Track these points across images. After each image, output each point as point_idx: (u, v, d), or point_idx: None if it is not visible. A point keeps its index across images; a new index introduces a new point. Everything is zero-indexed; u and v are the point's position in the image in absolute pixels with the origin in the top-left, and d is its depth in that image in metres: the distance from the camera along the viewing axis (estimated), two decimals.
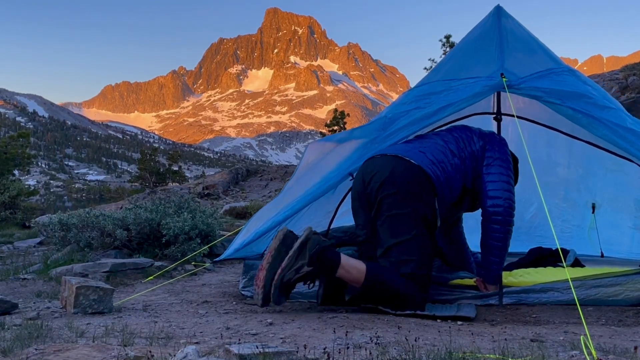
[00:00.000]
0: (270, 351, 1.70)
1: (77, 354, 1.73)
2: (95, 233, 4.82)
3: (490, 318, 2.71)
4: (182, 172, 31.95)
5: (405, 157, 2.87)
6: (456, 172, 2.94)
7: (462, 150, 3.01)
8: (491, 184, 2.94)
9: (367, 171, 2.94)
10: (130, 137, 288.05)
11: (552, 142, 4.05)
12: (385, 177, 2.83)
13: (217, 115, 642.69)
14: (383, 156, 2.96)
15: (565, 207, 4.37)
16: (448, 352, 1.73)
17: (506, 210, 2.90)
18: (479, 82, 3.05)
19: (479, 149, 3.03)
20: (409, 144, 3.05)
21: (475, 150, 3.02)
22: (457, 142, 3.03)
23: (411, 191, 2.80)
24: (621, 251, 4.08)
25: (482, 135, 3.10)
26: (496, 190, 2.92)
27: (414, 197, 2.80)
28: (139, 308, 3.03)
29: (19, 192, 13.70)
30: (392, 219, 2.80)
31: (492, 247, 2.93)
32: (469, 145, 3.03)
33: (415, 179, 2.82)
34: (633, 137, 2.85)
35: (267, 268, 2.68)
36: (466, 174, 2.98)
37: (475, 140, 3.06)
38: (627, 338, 2.17)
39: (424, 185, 2.82)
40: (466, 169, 2.98)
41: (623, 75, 20.57)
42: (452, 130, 3.15)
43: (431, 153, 2.93)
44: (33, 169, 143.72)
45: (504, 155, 3.03)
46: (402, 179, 2.81)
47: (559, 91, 2.94)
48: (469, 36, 3.44)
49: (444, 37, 22.34)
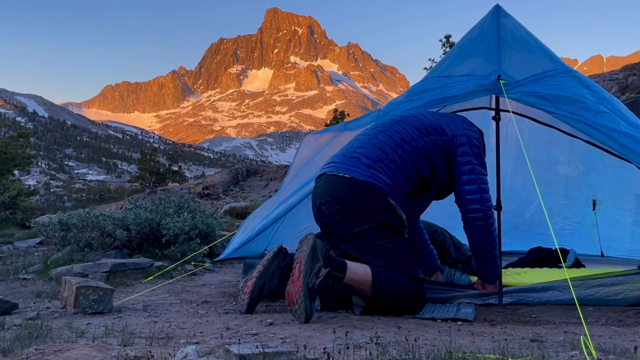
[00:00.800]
0: (270, 351, 1.70)
1: (77, 354, 1.73)
2: (95, 233, 4.82)
3: (490, 318, 2.71)
4: (182, 172, 31.96)
5: (338, 174, 2.77)
6: (403, 166, 2.80)
7: (410, 141, 2.85)
8: (468, 186, 2.86)
9: (315, 199, 2.88)
10: (130, 137, 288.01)
11: (552, 140, 4.05)
12: (329, 204, 2.75)
13: (217, 115, 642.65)
14: (322, 177, 2.87)
15: (565, 204, 4.37)
16: (448, 352, 1.73)
17: (486, 214, 2.87)
18: (473, 81, 3.05)
19: (441, 140, 2.87)
20: (345, 150, 2.95)
21: (435, 141, 2.87)
22: (401, 134, 2.87)
23: (357, 207, 2.71)
24: (622, 248, 4.09)
25: (446, 124, 2.93)
26: (474, 194, 2.85)
27: (363, 211, 2.71)
28: (139, 308, 3.03)
29: (19, 192, 13.69)
30: (355, 240, 2.73)
31: (483, 251, 2.92)
32: (420, 138, 2.86)
33: (355, 193, 2.72)
34: (628, 141, 2.85)
35: (257, 276, 2.72)
36: (419, 164, 2.84)
37: (431, 131, 2.89)
38: (627, 338, 2.17)
39: (367, 194, 2.72)
40: (419, 160, 2.84)
41: (623, 75, 20.58)
42: (399, 121, 2.98)
43: (366, 156, 2.81)
44: (33, 169, 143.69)
45: (474, 148, 2.89)
46: (344, 199, 2.73)
47: (553, 96, 2.92)
48: (467, 36, 3.44)
49: (444, 37, 22.32)
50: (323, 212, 2.79)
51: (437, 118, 2.97)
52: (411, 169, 2.83)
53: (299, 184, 3.40)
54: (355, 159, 2.80)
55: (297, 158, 3.88)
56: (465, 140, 2.88)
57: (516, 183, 4.42)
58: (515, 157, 4.25)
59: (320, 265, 2.53)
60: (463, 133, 2.90)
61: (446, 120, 2.95)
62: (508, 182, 4.17)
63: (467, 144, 2.88)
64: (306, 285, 2.49)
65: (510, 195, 4.15)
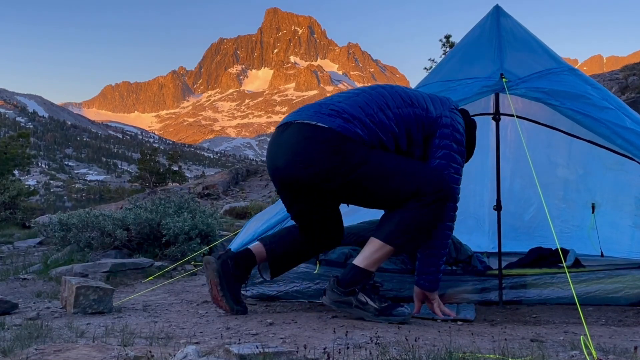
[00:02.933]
0: (270, 351, 1.70)
1: (77, 354, 1.73)
2: (95, 233, 4.82)
3: (490, 318, 2.72)
4: (182, 172, 31.97)
5: (311, 123, 2.45)
6: (383, 129, 2.51)
7: (393, 108, 2.56)
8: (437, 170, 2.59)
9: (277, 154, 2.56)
10: (130, 137, 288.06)
11: (552, 143, 4.05)
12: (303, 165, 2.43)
13: (217, 115, 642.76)
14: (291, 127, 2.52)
15: (564, 207, 4.37)
16: (448, 352, 1.73)
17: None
18: (477, 83, 3.05)
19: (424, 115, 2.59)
20: (323, 101, 2.64)
21: (419, 115, 2.58)
22: (385, 99, 2.57)
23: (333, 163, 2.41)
24: (621, 250, 4.08)
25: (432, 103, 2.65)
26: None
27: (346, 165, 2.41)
28: (139, 308, 3.03)
29: (19, 192, 13.70)
30: (356, 198, 2.59)
31: (430, 245, 2.60)
32: (403, 107, 2.58)
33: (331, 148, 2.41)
34: (633, 136, 2.85)
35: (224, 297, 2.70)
36: (399, 133, 2.55)
37: (416, 104, 2.61)
38: (627, 338, 2.17)
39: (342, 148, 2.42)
40: (399, 129, 2.54)
41: (623, 75, 20.60)
42: (384, 87, 2.69)
43: (345, 111, 2.48)
44: (33, 169, 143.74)
45: (457, 134, 2.62)
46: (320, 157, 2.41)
47: (558, 92, 2.93)
48: (468, 36, 3.44)
49: (444, 37, 22.29)
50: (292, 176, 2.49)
51: (424, 96, 2.69)
52: (390, 135, 2.54)
53: None
54: (334, 111, 2.48)
55: None
56: (450, 122, 2.61)
57: (515, 185, 4.42)
58: (514, 160, 4.25)
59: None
60: (448, 115, 2.63)
61: (433, 100, 2.70)
62: (507, 184, 4.17)
63: (450, 127, 2.60)
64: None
65: (509, 197, 4.14)
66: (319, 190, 2.51)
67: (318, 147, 2.43)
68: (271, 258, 2.75)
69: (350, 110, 2.47)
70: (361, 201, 2.65)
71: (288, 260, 2.81)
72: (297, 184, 2.51)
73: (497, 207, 3.06)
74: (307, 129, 2.46)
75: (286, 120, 2.61)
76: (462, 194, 4.67)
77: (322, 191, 2.52)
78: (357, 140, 2.42)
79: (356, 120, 2.45)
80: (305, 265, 3.22)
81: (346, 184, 2.47)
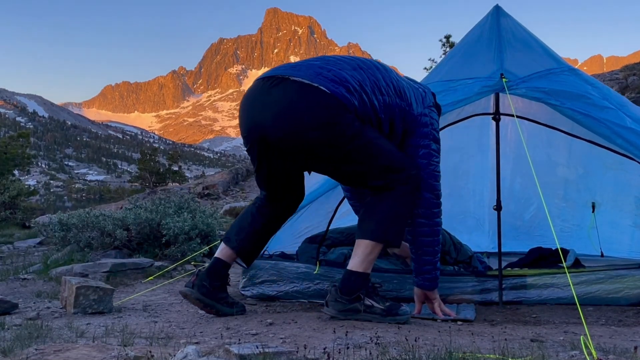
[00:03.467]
0: (270, 351, 1.70)
1: (77, 354, 1.73)
2: (95, 233, 4.82)
3: (490, 318, 2.72)
4: (182, 172, 31.93)
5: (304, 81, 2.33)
6: (372, 110, 2.44)
7: (384, 94, 2.49)
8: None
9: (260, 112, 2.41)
10: (130, 137, 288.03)
11: (552, 142, 4.04)
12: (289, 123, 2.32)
13: (217, 115, 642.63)
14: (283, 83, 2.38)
15: (564, 206, 4.37)
16: (448, 352, 1.73)
17: (429, 202, 2.56)
18: (477, 83, 3.05)
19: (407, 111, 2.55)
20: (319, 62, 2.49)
21: (402, 108, 2.54)
22: (378, 83, 2.48)
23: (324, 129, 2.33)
24: (621, 250, 4.09)
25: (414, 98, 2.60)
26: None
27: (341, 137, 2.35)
28: (139, 308, 3.03)
29: (19, 192, 13.70)
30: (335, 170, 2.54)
31: (422, 244, 2.58)
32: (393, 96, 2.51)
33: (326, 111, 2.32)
34: (633, 136, 2.85)
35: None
36: (383, 119, 2.49)
37: (403, 96, 2.55)
38: (627, 338, 2.17)
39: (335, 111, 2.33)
40: (384, 116, 2.49)
41: (623, 75, 20.60)
42: (379, 69, 2.57)
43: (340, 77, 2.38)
44: (33, 169, 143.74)
45: (435, 133, 2.62)
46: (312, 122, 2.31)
47: (558, 91, 2.93)
48: (468, 37, 3.44)
49: (444, 37, 22.28)
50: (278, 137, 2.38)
51: (410, 89, 2.62)
52: (376, 120, 2.48)
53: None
54: (337, 78, 2.37)
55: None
56: (429, 121, 2.61)
57: (515, 185, 4.42)
58: (514, 159, 4.25)
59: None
60: (427, 114, 2.62)
61: (416, 94, 2.64)
62: (507, 183, 4.17)
63: (429, 126, 2.60)
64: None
65: (510, 196, 4.15)
66: (301, 155, 2.44)
67: (317, 112, 2.32)
68: (242, 254, 2.77)
69: (353, 83, 2.38)
70: (338, 174, 2.60)
71: (259, 246, 2.84)
72: (279, 144, 2.40)
73: (497, 207, 3.06)
74: (308, 90, 2.32)
75: (277, 73, 2.44)
76: (462, 194, 4.70)
77: (303, 157, 2.45)
78: (353, 112, 2.37)
79: (357, 93, 2.38)
80: (305, 265, 3.23)
81: (334, 155, 2.42)
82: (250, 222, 2.77)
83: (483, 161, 4.42)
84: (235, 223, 2.85)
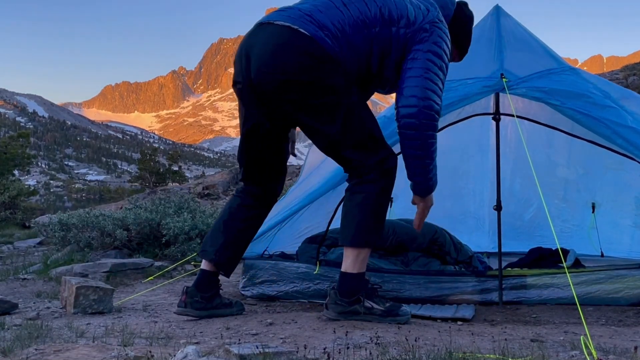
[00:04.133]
0: (270, 351, 1.70)
1: (77, 354, 1.73)
2: (95, 233, 4.82)
3: (490, 318, 2.71)
4: (182, 172, 31.96)
5: (292, 27, 2.29)
6: (355, 51, 2.35)
7: (370, 27, 2.35)
8: (410, 80, 2.36)
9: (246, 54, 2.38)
10: (130, 137, 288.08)
11: (552, 143, 4.05)
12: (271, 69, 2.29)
13: (217, 115, 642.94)
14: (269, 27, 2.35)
15: (564, 207, 4.37)
16: (448, 352, 1.73)
17: (422, 112, 2.33)
18: (478, 83, 3.05)
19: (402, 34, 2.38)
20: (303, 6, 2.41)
21: (399, 34, 2.38)
22: (364, 15, 2.35)
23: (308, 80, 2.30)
24: (621, 250, 4.09)
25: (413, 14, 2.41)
26: (414, 87, 2.35)
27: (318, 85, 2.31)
28: (139, 308, 3.03)
29: (19, 192, 13.72)
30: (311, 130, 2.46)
31: (411, 156, 2.42)
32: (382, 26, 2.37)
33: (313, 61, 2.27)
34: (633, 136, 2.85)
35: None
36: (370, 55, 2.38)
37: (396, 18, 2.38)
38: (627, 338, 2.17)
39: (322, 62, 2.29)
40: (371, 51, 2.37)
41: (623, 75, 20.61)
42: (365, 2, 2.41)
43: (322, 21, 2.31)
44: (33, 169, 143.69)
45: (436, 47, 2.40)
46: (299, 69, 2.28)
47: (559, 91, 2.93)
48: None
49: None
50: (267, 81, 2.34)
51: (408, 4, 2.44)
52: (364, 58, 2.37)
53: (304, 192, 3.42)
54: (315, 21, 2.32)
55: (305, 166, 3.90)
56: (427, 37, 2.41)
57: (515, 185, 4.42)
58: (514, 159, 4.25)
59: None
60: (428, 29, 2.41)
61: (415, 8, 2.45)
62: (507, 184, 4.17)
63: (432, 42, 2.41)
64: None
65: (510, 197, 4.15)
66: (282, 103, 2.40)
67: (295, 53, 2.29)
68: (220, 267, 2.70)
69: (332, 29, 2.30)
70: (314, 132, 2.50)
71: (241, 252, 2.79)
72: (262, 88, 2.37)
73: (497, 207, 3.06)
74: (290, 33, 2.30)
75: (266, 19, 2.43)
76: (463, 194, 4.71)
77: (284, 106, 2.41)
78: (335, 61, 2.31)
79: (337, 40, 2.30)
80: (305, 265, 3.22)
81: (309, 102, 2.36)
82: (226, 227, 2.71)
83: (483, 161, 4.42)
84: (211, 231, 2.77)
